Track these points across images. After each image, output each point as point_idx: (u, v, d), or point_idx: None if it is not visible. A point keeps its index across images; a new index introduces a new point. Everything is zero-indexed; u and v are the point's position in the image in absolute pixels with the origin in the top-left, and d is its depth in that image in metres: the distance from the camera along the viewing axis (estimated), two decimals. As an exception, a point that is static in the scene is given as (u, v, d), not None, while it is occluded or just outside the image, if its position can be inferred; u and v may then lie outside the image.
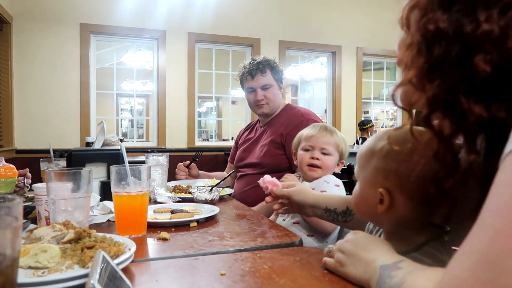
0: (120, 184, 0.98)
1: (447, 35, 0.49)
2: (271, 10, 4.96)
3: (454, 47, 0.48)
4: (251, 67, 2.00)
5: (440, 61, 0.50)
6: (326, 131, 1.46)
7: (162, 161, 1.62)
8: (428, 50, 0.51)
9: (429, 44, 0.51)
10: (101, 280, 0.51)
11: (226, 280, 0.67)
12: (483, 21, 0.46)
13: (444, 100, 0.51)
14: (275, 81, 2.01)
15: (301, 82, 6.17)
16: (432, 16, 0.50)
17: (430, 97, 0.52)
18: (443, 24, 0.49)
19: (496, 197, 0.39)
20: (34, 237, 0.79)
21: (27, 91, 4.10)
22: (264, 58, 2.02)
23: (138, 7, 4.45)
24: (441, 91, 0.50)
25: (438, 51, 0.50)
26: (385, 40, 5.35)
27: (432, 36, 0.50)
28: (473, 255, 0.38)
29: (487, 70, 0.46)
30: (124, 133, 9.07)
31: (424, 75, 0.52)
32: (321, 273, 0.71)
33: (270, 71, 2.00)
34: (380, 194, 0.69)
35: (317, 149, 1.43)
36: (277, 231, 1.03)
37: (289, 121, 1.93)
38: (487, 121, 0.48)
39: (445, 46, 0.49)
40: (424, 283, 0.51)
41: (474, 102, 0.48)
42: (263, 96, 1.99)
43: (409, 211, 0.68)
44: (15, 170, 1.31)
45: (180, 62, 4.62)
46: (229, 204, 1.46)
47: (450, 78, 0.50)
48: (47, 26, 4.15)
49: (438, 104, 0.52)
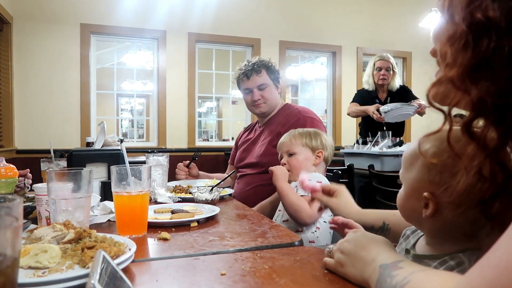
0: (120, 184, 0.98)
1: (498, 27, 0.41)
2: (271, 10, 4.96)
3: (506, 42, 0.41)
4: (246, 68, 2.01)
5: (489, 58, 0.42)
6: (287, 136, 1.58)
7: (163, 161, 1.62)
8: (475, 44, 0.43)
9: (477, 36, 0.43)
10: (102, 280, 0.51)
11: (227, 280, 0.67)
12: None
13: (492, 105, 0.43)
14: (271, 80, 2.02)
15: (301, 82, 6.17)
16: (481, 3, 0.42)
17: (474, 101, 0.44)
18: (494, 13, 0.41)
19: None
20: (34, 237, 0.79)
21: (27, 91, 4.10)
22: (259, 59, 2.03)
23: (138, 7, 4.45)
24: (489, 94, 0.42)
25: (487, 46, 0.42)
26: (385, 40, 5.35)
27: (480, 27, 0.42)
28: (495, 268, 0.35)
29: None
30: (125, 133, 9.08)
31: (468, 74, 0.44)
32: (321, 273, 0.70)
33: (265, 71, 2.01)
34: (425, 199, 0.65)
35: (284, 155, 1.54)
36: (277, 231, 1.03)
37: (287, 120, 1.94)
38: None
39: (496, 41, 0.41)
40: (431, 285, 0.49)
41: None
42: (260, 95, 2.00)
43: (455, 217, 0.63)
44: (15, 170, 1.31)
45: (180, 62, 4.62)
46: (230, 204, 1.46)
47: (500, 80, 0.42)
48: (47, 26, 4.15)
49: (485, 110, 0.44)
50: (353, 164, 2.57)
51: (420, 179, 0.66)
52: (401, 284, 0.52)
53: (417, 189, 0.67)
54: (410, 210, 0.71)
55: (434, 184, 0.63)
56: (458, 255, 0.61)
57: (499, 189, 0.47)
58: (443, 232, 0.66)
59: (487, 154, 0.45)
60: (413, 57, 5.51)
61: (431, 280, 0.50)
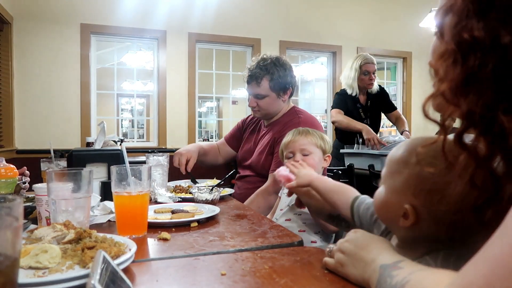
0: (120, 184, 0.98)
1: (483, 46, 0.44)
2: (271, 10, 4.96)
3: (490, 59, 0.44)
4: (252, 70, 1.92)
5: (476, 74, 0.45)
6: (300, 134, 1.48)
7: (163, 161, 1.62)
8: (463, 61, 0.46)
9: (465, 54, 0.46)
10: (102, 280, 0.51)
11: (227, 280, 0.67)
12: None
13: (480, 117, 0.46)
14: (272, 90, 1.90)
15: (302, 82, 6.17)
16: (467, 24, 0.46)
17: (464, 113, 0.47)
18: (479, 33, 0.44)
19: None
20: (34, 238, 0.79)
21: (27, 91, 4.10)
22: (269, 62, 1.90)
23: (139, 7, 4.45)
24: (477, 107, 0.45)
25: (474, 62, 0.45)
26: (385, 40, 5.35)
27: (467, 45, 0.46)
28: (491, 262, 0.36)
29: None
30: (125, 133, 9.08)
31: (458, 88, 0.47)
32: (321, 273, 0.71)
33: (267, 80, 1.89)
34: (405, 209, 0.66)
35: (298, 153, 1.45)
36: (277, 231, 1.03)
37: (285, 127, 1.85)
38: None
39: (481, 58, 0.45)
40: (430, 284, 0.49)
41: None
42: (255, 103, 1.94)
43: (431, 231, 0.64)
44: (15, 170, 1.31)
45: (180, 62, 4.62)
46: (230, 204, 1.46)
47: (486, 94, 0.45)
48: (47, 26, 4.15)
49: (473, 122, 0.47)
50: (353, 164, 2.57)
51: (405, 189, 0.66)
52: (400, 284, 0.53)
53: (398, 198, 0.67)
54: (388, 215, 0.71)
55: (419, 199, 0.64)
56: (425, 258, 0.63)
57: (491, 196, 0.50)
58: (414, 240, 0.67)
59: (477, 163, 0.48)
60: (413, 57, 5.51)
61: (429, 279, 0.50)
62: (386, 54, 5.51)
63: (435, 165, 0.60)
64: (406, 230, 0.67)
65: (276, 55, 1.98)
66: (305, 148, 1.44)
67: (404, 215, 0.66)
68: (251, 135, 2.12)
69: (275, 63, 1.91)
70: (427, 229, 0.64)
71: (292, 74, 1.97)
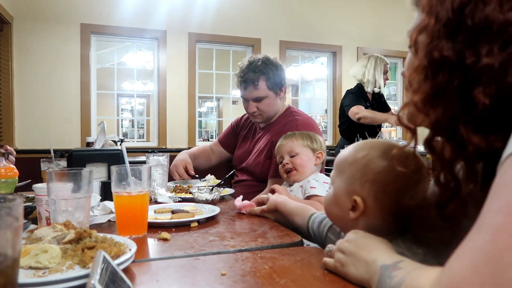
0: (120, 184, 0.98)
1: (451, 64, 0.50)
2: (271, 10, 4.96)
3: (456, 77, 0.49)
4: (245, 75, 1.85)
5: (444, 89, 0.51)
6: (286, 138, 1.57)
7: (163, 161, 1.62)
8: (433, 76, 0.52)
9: (435, 71, 0.51)
10: (102, 280, 0.51)
11: (227, 280, 0.67)
12: (484, 55, 0.46)
13: (445, 127, 0.52)
14: (270, 90, 1.87)
15: (302, 82, 6.17)
16: (438, 43, 0.51)
17: (432, 122, 0.53)
18: (448, 52, 0.50)
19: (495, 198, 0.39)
20: (34, 238, 0.79)
21: (27, 91, 4.10)
22: (261, 63, 1.86)
23: (139, 7, 4.45)
24: (443, 118, 0.52)
25: (442, 79, 0.51)
26: (385, 40, 5.35)
27: (437, 63, 0.51)
28: (474, 251, 0.39)
29: (486, 102, 0.47)
30: (125, 133, 9.08)
31: (428, 100, 0.53)
32: (321, 273, 0.70)
33: (264, 81, 1.85)
34: (353, 201, 0.73)
35: (286, 155, 1.54)
36: (277, 231, 1.03)
37: (283, 130, 1.82)
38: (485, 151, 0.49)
39: (448, 75, 0.50)
40: (423, 281, 0.51)
41: (473, 132, 0.49)
42: (255, 108, 1.88)
43: (379, 221, 0.72)
44: (15, 170, 1.31)
45: (180, 62, 4.62)
46: (230, 204, 1.45)
47: (451, 107, 0.51)
48: (47, 26, 4.15)
49: (440, 130, 0.54)
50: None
51: (352, 183, 0.74)
52: (398, 284, 0.54)
53: (346, 192, 0.75)
54: (337, 211, 0.79)
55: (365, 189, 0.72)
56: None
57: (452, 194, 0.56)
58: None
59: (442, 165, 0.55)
60: (414, 57, 5.51)
61: (423, 277, 0.52)
62: (386, 54, 5.48)
63: (406, 166, 0.66)
64: (357, 224, 0.73)
65: (264, 55, 1.93)
66: (291, 149, 1.53)
67: (353, 208, 0.74)
68: (247, 138, 2.08)
69: (266, 63, 1.87)
70: (374, 218, 0.72)
71: (283, 71, 1.96)
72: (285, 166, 1.52)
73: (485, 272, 0.36)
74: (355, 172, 0.74)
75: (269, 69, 1.86)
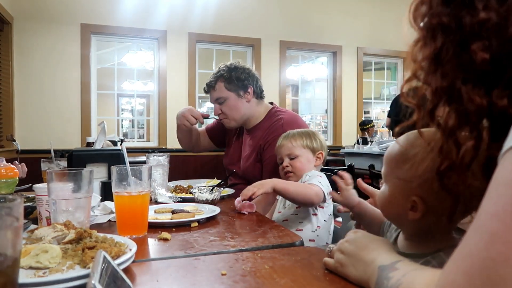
0: (121, 184, 0.98)
1: (449, 29, 0.49)
2: (271, 10, 4.96)
3: (454, 38, 0.49)
4: (208, 82, 1.94)
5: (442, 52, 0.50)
6: (285, 138, 1.55)
7: (163, 161, 1.62)
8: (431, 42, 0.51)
9: (433, 36, 0.51)
10: (102, 280, 0.51)
11: (227, 280, 0.67)
12: (481, 9, 0.46)
13: (446, 90, 0.51)
14: (231, 91, 1.88)
15: (302, 82, 6.17)
16: (435, 11, 0.51)
17: (433, 89, 0.52)
18: (446, 18, 0.49)
19: (493, 198, 0.38)
20: (35, 238, 0.79)
21: (28, 91, 4.10)
22: (220, 68, 1.94)
23: (139, 7, 4.45)
24: (443, 81, 0.51)
25: (440, 42, 0.50)
26: (385, 40, 5.35)
27: (434, 29, 0.51)
28: (469, 259, 0.38)
29: (485, 57, 0.45)
30: (125, 133, 9.08)
31: (428, 68, 0.52)
32: (322, 273, 0.70)
33: (222, 83, 1.89)
34: (413, 202, 0.67)
35: (285, 158, 1.53)
36: (277, 231, 1.03)
37: (268, 132, 1.83)
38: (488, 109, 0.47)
39: (446, 38, 0.50)
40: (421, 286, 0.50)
41: (473, 90, 0.48)
42: (219, 110, 1.91)
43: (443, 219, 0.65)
44: (15, 170, 1.31)
45: (180, 62, 4.62)
46: (230, 204, 1.45)
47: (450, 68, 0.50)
48: (47, 26, 4.15)
49: (441, 95, 0.52)
50: (354, 164, 2.57)
51: (409, 182, 0.67)
52: (394, 286, 0.54)
53: (404, 192, 0.69)
54: (395, 211, 0.73)
55: (424, 189, 0.65)
56: (439, 254, 0.64)
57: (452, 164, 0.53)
58: (425, 233, 0.69)
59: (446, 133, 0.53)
60: (414, 57, 5.51)
61: (420, 280, 0.52)
62: (386, 54, 5.51)
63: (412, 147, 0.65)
64: (416, 224, 0.68)
65: (236, 61, 2.01)
66: (291, 152, 1.51)
67: (412, 208, 0.67)
68: (236, 141, 2.06)
69: (229, 67, 1.93)
70: (434, 218, 0.66)
71: (251, 74, 1.95)
72: (284, 169, 1.52)
73: (478, 283, 0.36)
74: (411, 171, 0.66)
75: (229, 71, 1.91)
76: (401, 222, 0.75)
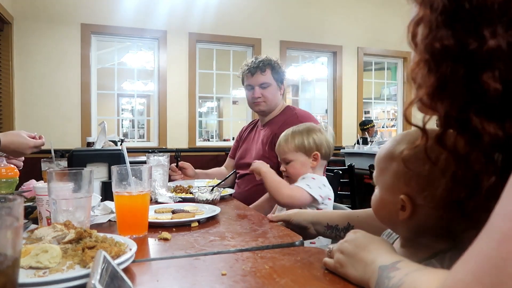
0: (121, 184, 0.98)
1: (454, 53, 0.47)
2: (272, 10, 4.96)
3: (461, 66, 0.47)
4: (252, 65, 2.04)
5: (449, 80, 0.48)
6: (282, 143, 1.53)
7: (163, 161, 1.62)
8: (437, 68, 0.49)
9: (437, 62, 0.49)
10: (102, 280, 0.51)
11: (227, 280, 0.67)
12: (489, 37, 0.44)
13: (456, 120, 0.49)
14: (275, 80, 2.04)
15: (302, 82, 6.17)
16: (437, 34, 0.48)
17: (442, 116, 0.50)
18: (448, 41, 0.47)
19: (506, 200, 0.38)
20: (35, 237, 0.79)
21: (28, 91, 4.10)
22: (266, 58, 2.06)
23: (139, 7, 4.45)
24: (453, 110, 0.49)
25: (446, 69, 0.48)
26: (386, 40, 5.35)
27: (439, 54, 0.49)
28: (479, 258, 0.38)
29: (497, 87, 0.44)
30: (125, 133, 9.08)
31: (434, 94, 0.50)
32: (322, 273, 0.70)
33: (270, 71, 2.03)
34: (401, 201, 0.67)
35: (283, 161, 1.53)
36: (278, 231, 1.03)
37: (284, 124, 1.88)
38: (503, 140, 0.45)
39: (452, 65, 0.47)
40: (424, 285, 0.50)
41: (487, 120, 0.46)
42: (260, 94, 2.02)
43: (431, 218, 0.65)
44: (16, 170, 1.31)
45: (181, 62, 4.62)
46: (230, 204, 1.46)
47: (460, 97, 0.48)
48: (48, 26, 4.16)
49: (450, 124, 0.50)
50: (354, 164, 2.57)
51: (396, 181, 0.68)
52: (396, 286, 0.54)
53: (392, 192, 0.69)
54: (386, 213, 0.73)
55: (411, 186, 0.66)
56: (431, 261, 0.63)
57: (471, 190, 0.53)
58: (418, 234, 0.68)
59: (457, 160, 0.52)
60: (414, 57, 5.51)
61: (422, 280, 0.51)
62: (386, 54, 5.51)
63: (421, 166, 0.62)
64: (408, 225, 0.69)
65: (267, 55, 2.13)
66: (285, 157, 1.51)
67: (402, 208, 0.67)
68: (249, 137, 2.17)
69: (271, 59, 2.08)
70: (425, 216, 0.66)
71: (284, 72, 2.13)
72: (283, 173, 1.53)
73: (487, 281, 0.35)
74: (397, 170, 0.67)
75: (275, 63, 2.07)
76: (394, 224, 0.75)
